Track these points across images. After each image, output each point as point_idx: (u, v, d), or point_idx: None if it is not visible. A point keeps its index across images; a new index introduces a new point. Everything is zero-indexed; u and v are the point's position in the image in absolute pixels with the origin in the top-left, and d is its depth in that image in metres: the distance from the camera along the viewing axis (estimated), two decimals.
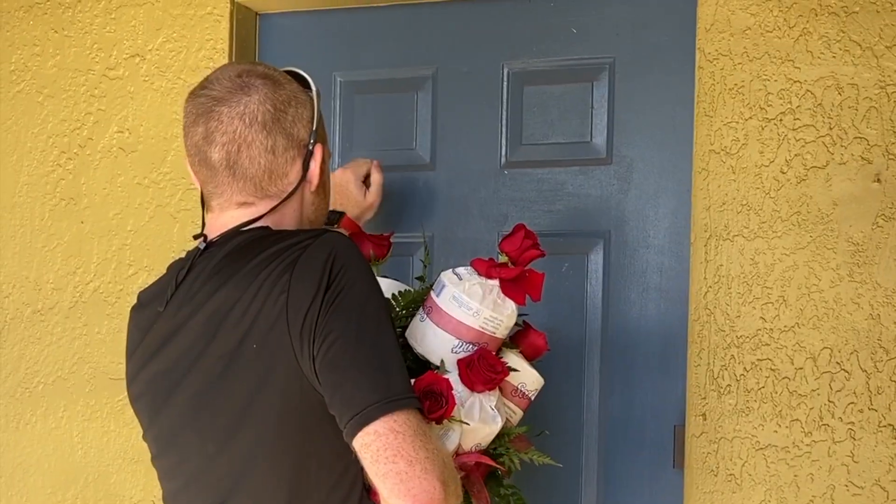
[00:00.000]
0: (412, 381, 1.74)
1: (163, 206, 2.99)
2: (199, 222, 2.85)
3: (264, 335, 1.67)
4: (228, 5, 2.98)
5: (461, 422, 1.83)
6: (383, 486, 1.57)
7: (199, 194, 1.93)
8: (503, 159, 2.86)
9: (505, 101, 2.87)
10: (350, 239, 1.77)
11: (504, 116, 2.87)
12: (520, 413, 2.01)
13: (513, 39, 2.86)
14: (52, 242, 3.08)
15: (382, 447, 1.57)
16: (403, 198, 2.92)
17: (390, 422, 1.59)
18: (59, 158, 3.09)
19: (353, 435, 1.60)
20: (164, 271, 1.95)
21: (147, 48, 3.05)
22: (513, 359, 2.01)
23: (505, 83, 2.87)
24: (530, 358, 2.03)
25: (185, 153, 1.88)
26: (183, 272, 1.81)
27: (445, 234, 2.89)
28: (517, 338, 2.06)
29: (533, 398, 2.02)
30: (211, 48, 3.00)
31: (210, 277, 1.77)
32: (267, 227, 1.83)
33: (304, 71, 1.92)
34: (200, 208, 1.93)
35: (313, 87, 1.90)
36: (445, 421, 1.79)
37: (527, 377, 1.98)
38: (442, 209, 2.90)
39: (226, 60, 2.96)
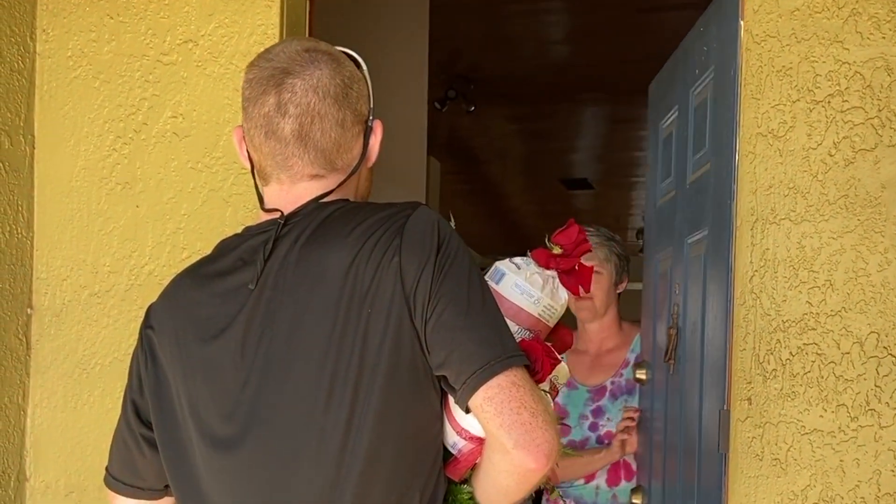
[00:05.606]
0: None
1: (216, 190, 3.03)
2: (251, 207, 2.92)
3: (380, 297, 1.69)
4: None
5: (545, 391, 1.85)
6: (508, 437, 1.61)
7: (251, 167, 1.89)
8: None
9: None
10: None
11: None
12: (551, 404, 2.03)
13: None
14: (108, 226, 3.14)
15: (507, 399, 1.62)
16: None
17: (511, 376, 1.64)
18: (115, 143, 3.14)
19: (475, 389, 1.64)
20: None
21: (200, 34, 3.09)
22: None
23: None
24: (559, 352, 2.04)
25: (246, 123, 1.83)
26: (268, 246, 1.78)
27: None
28: (551, 332, 2.08)
29: (560, 390, 2.04)
30: (262, 33, 3.02)
31: (309, 247, 1.76)
32: (348, 200, 1.84)
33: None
34: (255, 188, 1.89)
35: (363, 65, 1.91)
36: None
37: (560, 370, 2.00)
38: None
39: None
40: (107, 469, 1.93)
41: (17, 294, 3.11)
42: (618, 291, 3.37)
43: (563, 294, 1.99)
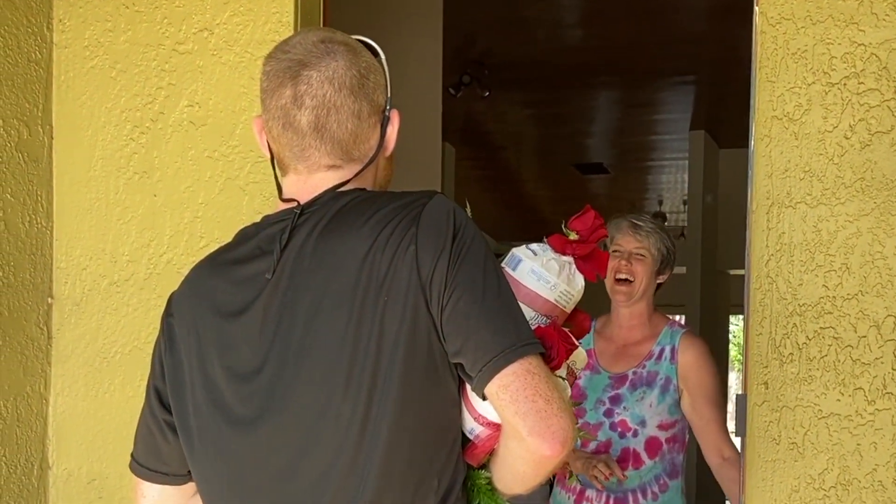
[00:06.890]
0: None
1: (232, 178, 3.04)
2: (268, 195, 2.93)
3: (396, 286, 1.70)
4: None
5: (560, 377, 1.86)
6: (524, 424, 1.63)
7: (271, 157, 1.89)
8: None
9: None
10: None
11: None
12: (569, 390, 2.04)
13: None
14: (126, 215, 3.15)
15: (521, 387, 1.64)
16: None
17: (526, 364, 1.66)
18: (133, 133, 3.16)
19: (490, 377, 1.65)
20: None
21: (215, 22, 3.09)
22: None
23: None
24: (577, 338, 2.05)
25: (264, 115, 1.85)
26: (285, 236, 1.79)
27: None
28: (569, 318, 2.08)
29: (578, 376, 2.05)
30: (277, 21, 3.03)
31: (326, 236, 1.77)
32: (364, 189, 1.85)
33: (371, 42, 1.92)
34: (274, 178, 1.90)
35: (381, 54, 1.92)
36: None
37: (577, 355, 2.00)
38: None
39: (292, 33, 2.98)
40: (132, 455, 1.95)
41: (37, 284, 3.14)
42: (657, 282, 3.38)
43: (580, 280, 2.00)
